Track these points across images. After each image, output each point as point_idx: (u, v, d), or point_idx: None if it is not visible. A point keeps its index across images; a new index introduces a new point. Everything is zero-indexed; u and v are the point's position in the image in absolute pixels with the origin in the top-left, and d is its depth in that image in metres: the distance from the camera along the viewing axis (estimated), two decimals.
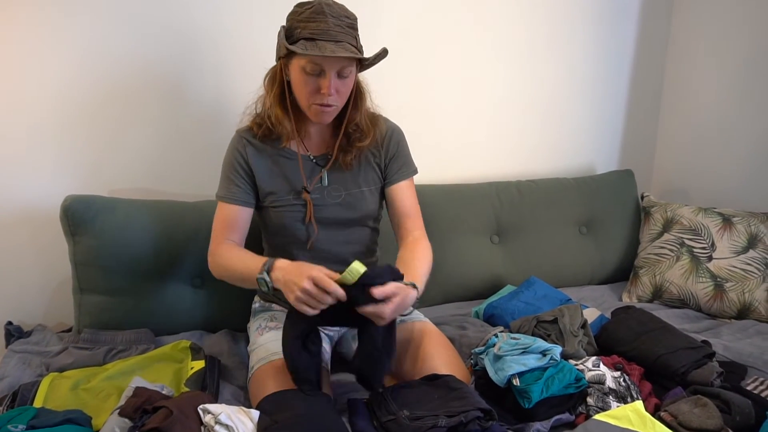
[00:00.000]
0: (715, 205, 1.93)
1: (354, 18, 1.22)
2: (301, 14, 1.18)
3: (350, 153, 1.32)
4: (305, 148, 1.33)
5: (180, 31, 1.62)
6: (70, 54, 1.54)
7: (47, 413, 1.06)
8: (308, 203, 1.31)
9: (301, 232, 1.34)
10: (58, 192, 1.50)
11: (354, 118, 1.29)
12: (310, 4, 1.19)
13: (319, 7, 1.16)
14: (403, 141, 1.42)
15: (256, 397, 1.21)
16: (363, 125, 1.31)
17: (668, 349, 1.32)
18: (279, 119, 1.26)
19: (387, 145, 1.38)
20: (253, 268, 1.18)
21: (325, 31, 1.15)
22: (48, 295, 1.66)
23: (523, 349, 1.22)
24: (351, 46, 1.18)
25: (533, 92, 2.07)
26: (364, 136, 1.31)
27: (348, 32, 1.18)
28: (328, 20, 1.15)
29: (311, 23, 1.16)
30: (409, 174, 1.43)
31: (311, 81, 1.20)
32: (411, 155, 1.44)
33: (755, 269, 1.74)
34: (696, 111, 2.14)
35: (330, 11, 1.16)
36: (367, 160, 1.37)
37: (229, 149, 1.34)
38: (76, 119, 1.59)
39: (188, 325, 1.55)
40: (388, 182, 1.40)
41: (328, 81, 1.18)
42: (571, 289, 1.88)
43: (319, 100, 1.21)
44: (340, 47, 1.15)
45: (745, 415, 1.12)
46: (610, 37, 2.12)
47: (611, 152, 2.28)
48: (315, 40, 1.15)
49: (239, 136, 1.33)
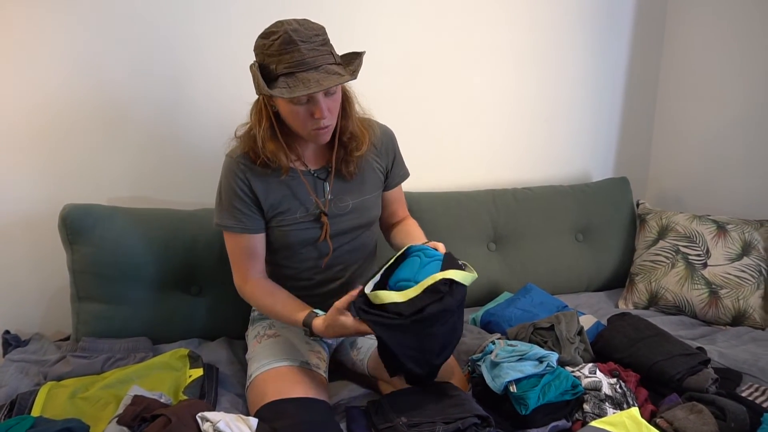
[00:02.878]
0: (710, 212, 1.94)
1: (322, 31, 1.15)
2: (270, 47, 1.11)
3: (351, 163, 1.30)
4: (304, 164, 1.31)
5: (177, 38, 1.63)
6: (67, 61, 1.55)
7: (45, 422, 1.06)
8: (325, 225, 1.30)
9: (310, 250, 1.33)
10: (57, 200, 1.51)
11: (347, 127, 1.27)
12: (275, 34, 1.11)
13: (287, 36, 1.09)
14: (397, 144, 1.43)
15: (254, 404, 1.21)
16: (357, 132, 1.29)
17: (664, 355, 1.33)
18: (274, 153, 1.22)
19: (386, 150, 1.39)
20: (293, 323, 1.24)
21: (302, 62, 1.10)
22: (46, 303, 1.66)
23: (520, 356, 1.23)
24: (331, 66, 1.13)
25: (529, 100, 2.09)
26: (360, 143, 1.29)
27: (323, 51, 1.13)
28: (301, 48, 1.09)
29: (284, 56, 1.10)
30: (406, 178, 1.46)
31: (302, 110, 1.16)
32: (402, 159, 1.46)
33: (749, 276, 1.76)
34: (690, 118, 2.16)
35: (299, 37, 1.09)
36: (369, 165, 1.36)
37: (227, 176, 1.26)
38: (75, 127, 1.59)
39: (186, 333, 1.55)
40: (389, 186, 1.42)
41: (319, 106, 1.14)
42: (568, 296, 1.89)
43: (314, 126, 1.17)
44: (321, 73, 1.10)
45: (740, 422, 1.13)
46: (604, 45, 2.15)
47: (607, 160, 2.30)
48: (294, 74, 1.10)
49: (235, 161, 1.25)
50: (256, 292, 1.30)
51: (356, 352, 1.42)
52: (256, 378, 1.25)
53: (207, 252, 1.55)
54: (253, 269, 1.31)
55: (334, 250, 1.33)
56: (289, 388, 1.19)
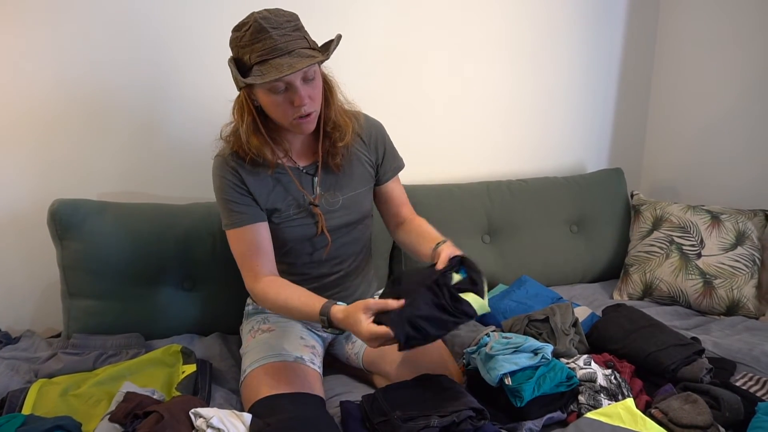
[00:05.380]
0: (704, 202, 1.95)
1: (295, 17, 1.14)
2: (242, 39, 1.11)
3: (336, 155, 1.29)
4: (293, 161, 1.29)
5: (166, 32, 1.61)
6: (57, 56, 1.53)
7: (36, 420, 1.05)
8: (319, 216, 1.28)
9: (307, 245, 1.31)
10: (45, 196, 1.49)
11: (329, 116, 1.25)
12: (246, 24, 1.11)
13: (257, 24, 1.08)
14: (388, 137, 1.40)
15: (248, 400, 1.20)
16: (340, 121, 1.26)
17: (658, 346, 1.33)
18: (259, 149, 1.21)
19: (375, 144, 1.37)
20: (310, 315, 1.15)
21: (274, 48, 1.09)
22: (36, 300, 1.65)
23: (515, 348, 1.23)
24: (304, 50, 1.11)
25: (523, 92, 2.08)
26: (343, 133, 1.27)
27: (295, 36, 1.11)
28: (273, 35, 1.08)
29: (257, 44, 1.09)
30: (400, 170, 1.42)
31: (281, 99, 1.14)
32: (396, 149, 1.42)
33: (743, 266, 1.76)
34: (684, 109, 2.16)
35: (269, 24, 1.09)
36: (358, 159, 1.34)
37: (219, 176, 1.25)
38: (63, 122, 1.57)
39: (179, 329, 1.54)
40: (382, 181, 1.39)
41: (297, 93, 1.13)
42: (563, 288, 1.89)
43: (296, 114, 1.15)
44: (294, 58, 1.09)
45: (735, 411, 1.13)
46: (598, 36, 2.14)
47: (601, 151, 2.29)
48: (267, 61, 1.09)
49: (224, 161, 1.24)
50: (268, 290, 1.22)
51: (351, 346, 1.41)
52: (250, 373, 1.25)
53: (199, 247, 1.54)
54: (263, 266, 1.25)
55: (332, 245, 1.32)
56: (283, 383, 1.19)
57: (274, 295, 1.21)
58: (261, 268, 1.24)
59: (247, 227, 1.24)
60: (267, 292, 1.22)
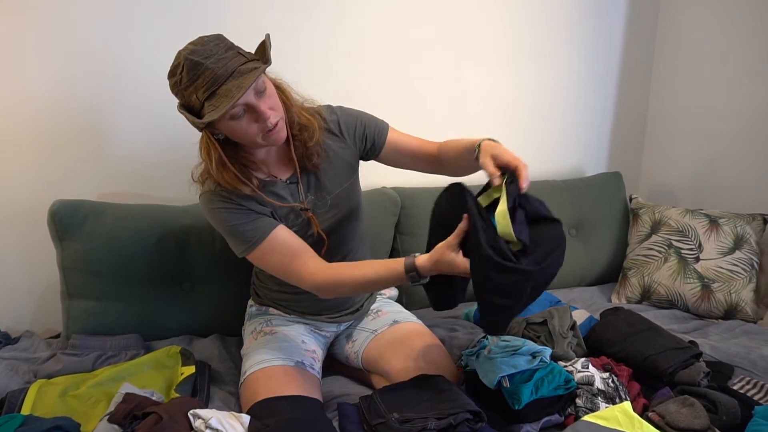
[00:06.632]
0: (702, 206, 1.95)
1: (221, 38, 1.10)
2: (181, 82, 1.07)
3: (312, 155, 1.26)
4: (273, 176, 1.27)
5: (169, 32, 1.61)
6: (57, 56, 1.53)
7: (35, 421, 1.06)
8: (312, 220, 1.28)
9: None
10: (46, 196, 1.49)
11: (292, 118, 1.22)
12: (178, 66, 1.07)
13: (189, 61, 1.05)
14: (353, 111, 1.34)
15: (247, 402, 1.21)
16: (304, 121, 1.23)
17: (656, 349, 1.34)
18: (233, 184, 1.18)
19: (347, 129, 1.32)
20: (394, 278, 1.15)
21: (215, 77, 1.05)
22: (36, 300, 1.65)
23: (513, 351, 1.23)
24: (244, 66, 1.07)
25: (522, 95, 2.09)
26: (311, 132, 1.24)
27: (230, 56, 1.07)
28: (207, 65, 1.05)
29: (197, 81, 1.06)
30: (387, 127, 1.36)
31: (245, 122, 1.11)
32: (370, 114, 1.36)
33: (741, 270, 1.76)
34: (683, 114, 2.17)
35: (200, 56, 1.05)
36: (335, 154, 1.31)
37: (215, 210, 1.20)
38: (64, 122, 1.57)
39: (178, 330, 1.55)
40: (378, 148, 1.35)
41: (258, 109, 1.10)
42: (561, 291, 1.89)
43: (264, 129, 1.12)
44: (238, 78, 1.06)
45: (732, 415, 1.13)
46: (597, 40, 2.14)
47: (600, 154, 2.30)
48: (215, 93, 1.06)
49: (213, 194, 1.20)
50: (335, 278, 1.18)
51: (351, 345, 1.42)
52: (249, 376, 1.25)
53: (199, 248, 1.54)
54: (308, 261, 1.20)
55: (329, 243, 1.32)
56: (282, 386, 1.19)
57: (346, 279, 1.18)
58: (307, 265, 1.20)
59: (268, 237, 1.20)
60: (336, 281, 1.19)
